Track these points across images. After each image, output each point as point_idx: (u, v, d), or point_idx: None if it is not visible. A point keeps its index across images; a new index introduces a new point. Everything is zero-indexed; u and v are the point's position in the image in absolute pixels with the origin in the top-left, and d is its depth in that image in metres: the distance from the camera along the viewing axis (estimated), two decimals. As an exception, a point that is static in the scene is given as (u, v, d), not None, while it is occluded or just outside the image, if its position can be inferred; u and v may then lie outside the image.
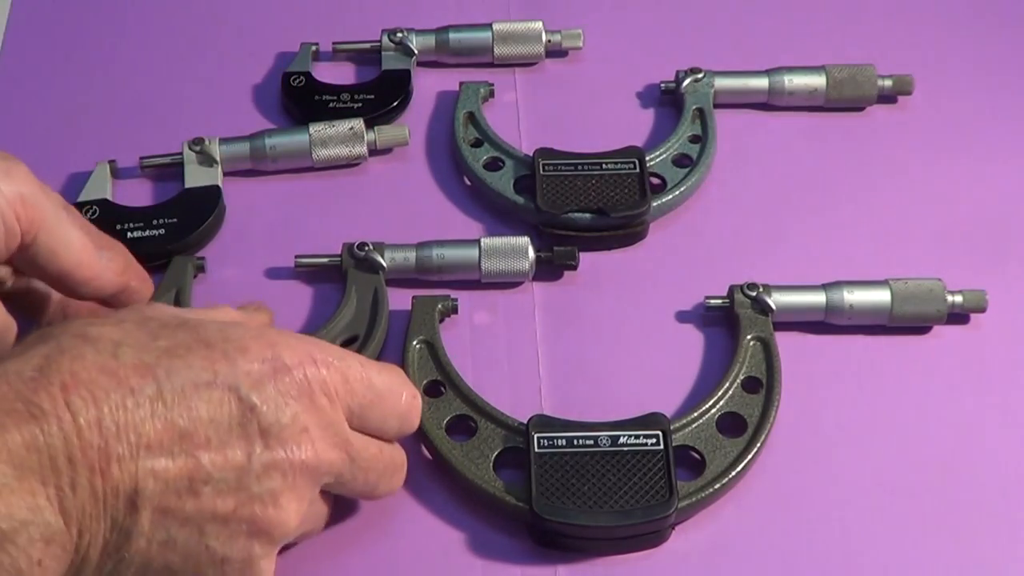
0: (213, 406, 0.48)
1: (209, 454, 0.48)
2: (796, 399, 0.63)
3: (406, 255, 0.67)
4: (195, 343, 0.49)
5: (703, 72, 0.78)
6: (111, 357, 0.47)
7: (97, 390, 0.45)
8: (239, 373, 0.49)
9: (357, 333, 0.64)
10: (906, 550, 0.59)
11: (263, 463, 0.49)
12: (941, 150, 0.77)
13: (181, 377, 0.47)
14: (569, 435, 0.60)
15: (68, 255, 0.56)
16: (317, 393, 0.51)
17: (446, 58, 0.81)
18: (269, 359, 0.50)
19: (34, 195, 0.54)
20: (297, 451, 0.50)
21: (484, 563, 0.58)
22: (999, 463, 0.62)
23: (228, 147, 0.73)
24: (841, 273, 0.67)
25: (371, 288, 0.66)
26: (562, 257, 0.68)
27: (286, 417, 0.49)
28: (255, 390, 0.49)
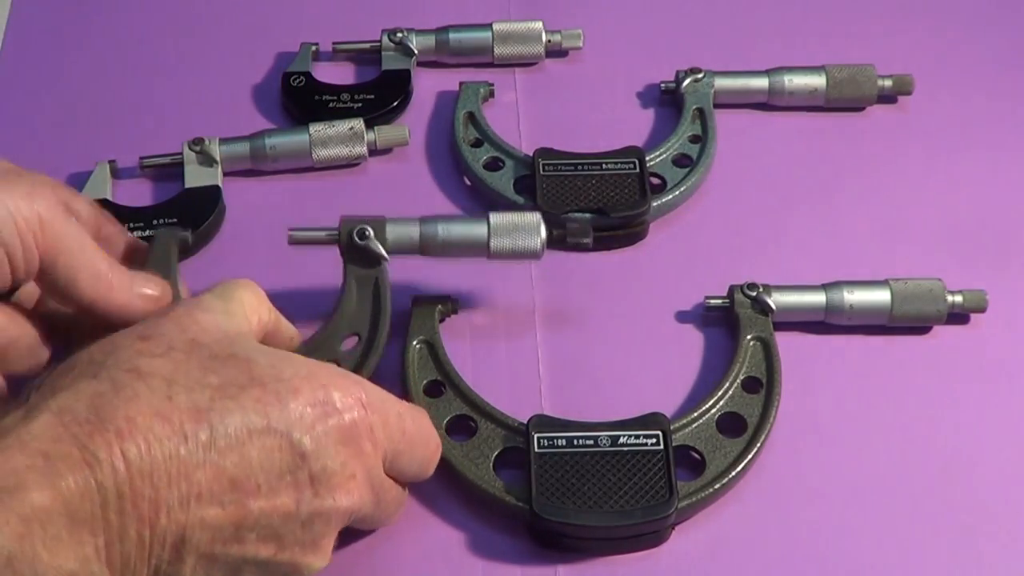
0: (265, 452, 0.47)
1: (258, 502, 0.47)
2: (796, 399, 0.63)
3: (410, 231, 0.62)
4: (247, 381, 0.48)
5: (703, 72, 0.78)
6: (165, 399, 0.46)
7: (152, 437, 0.45)
8: (291, 417, 0.48)
9: (359, 332, 0.62)
10: (906, 550, 0.59)
11: (310, 511, 0.49)
12: (941, 150, 0.77)
13: (234, 421, 0.47)
14: (569, 435, 0.60)
15: (89, 284, 0.54)
16: (364, 439, 0.51)
17: (446, 58, 0.81)
18: (320, 402, 0.49)
19: (55, 219, 0.53)
20: (343, 499, 0.50)
21: (484, 563, 0.58)
22: (999, 463, 0.62)
23: (228, 147, 0.73)
24: (841, 273, 0.67)
25: (371, 281, 0.62)
26: (576, 234, 0.64)
27: (335, 464, 0.49)
28: (307, 435, 0.48)
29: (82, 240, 0.54)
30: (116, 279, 0.55)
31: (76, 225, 0.54)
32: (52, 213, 0.53)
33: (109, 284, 0.55)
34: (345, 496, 0.50)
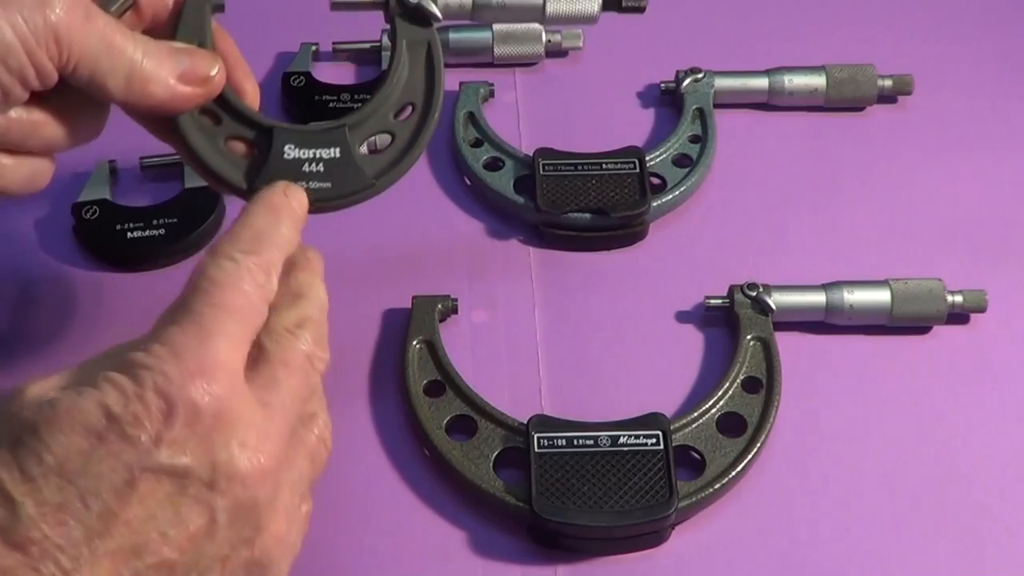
0: (144, 501, 0.42)
1: (168, 546, 0.42)
2: (796, 399, 0.63)
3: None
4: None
5: (703, 72, 0.78)
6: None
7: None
8: (153, 452, 0.42)
9: (413, 101, 0.56)
10: (906, 550, 0.59)
11: (227, 509, 0.44)
12: (941, 150, 0.77)
13: (100, 496, 0.41)
14: (569, 435, 0.60)
15: (120, 85, 0.50)
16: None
17: (446, 58, 0.80)
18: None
19: (72, 25, 0.48)
20: (249, 467, 0.44)
21: (484, 563, 0.58)
22: (999, 463, 0.62)
23: (228, 147, 0.73)
24: (841, 273, 0.67)
25: (424, 45, 0.57)
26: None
27: (202, 454, 0.43)
28: (169, 453, 0.42)
29: (108, 38, 0.49)
30: (152, 70, 0.51)
31: (101, 21, 0.49)
32: (70, 17, 0.48)
33: (144, 79, 0.50)
34: (249, 465, 0.44)
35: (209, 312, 0.45)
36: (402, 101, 0.56)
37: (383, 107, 0.56)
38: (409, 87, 0.56)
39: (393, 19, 0.57)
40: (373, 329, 0.67)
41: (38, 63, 0.48)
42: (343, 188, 0.54)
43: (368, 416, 0.64)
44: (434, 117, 0.56)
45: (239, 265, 0.47)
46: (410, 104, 0.56)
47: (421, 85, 0.56)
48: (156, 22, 0.54)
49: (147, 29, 0.54)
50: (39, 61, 0.48)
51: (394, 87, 0.56)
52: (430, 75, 0.56)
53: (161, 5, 0.54)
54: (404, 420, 0.63)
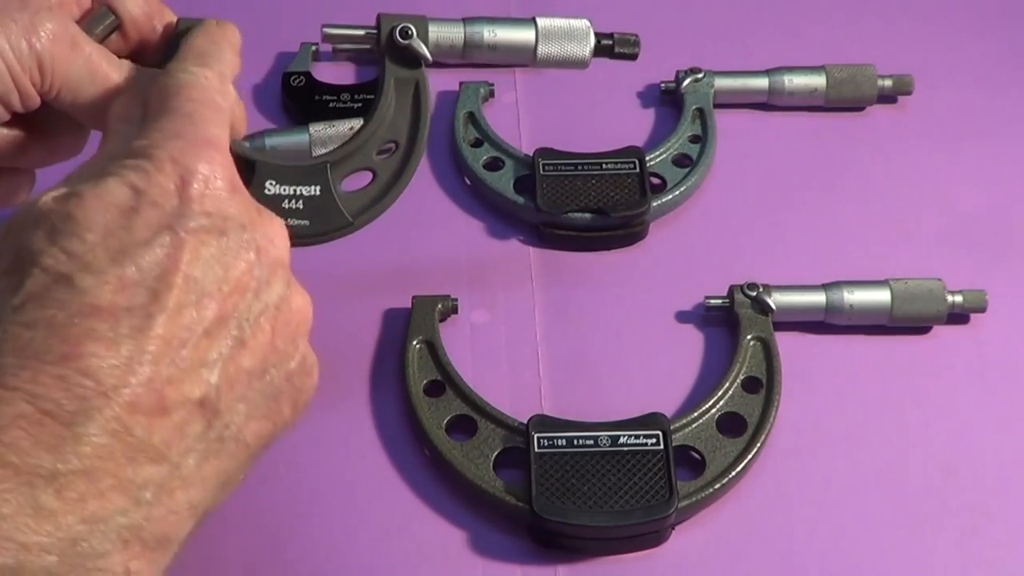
0: (197, 256, 0.43)
1: (220, 298, 0.44)
2: (796, 399, 0.63)
3: (453, 33, 0.57)
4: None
5: (703, 72, 0.78)
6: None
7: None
8: (187, 214, 0.44)
9: (396, 139, 0.56)
10: (906, 550, 0.59)
11: (263, 265, 0.45)
12: (941, 150, 0.77)
13: (152, 261, 0.42)
14: (569, 435, 0.60)
15: (100, 116, 0.51)
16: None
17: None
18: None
19: (57, 56, 0.49)
20: (269, 232, 0.46)
21: (484, 563, 0.58)
22: (999, 463, 0.62)
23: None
24: (841, 273, 0.67)
25: (411, 85, 0.56)
26: (624, 44, 0.60)
27: (232, 209, 0.45)
28: (201, 212, 0.44)
29: (93, 67, 0.51)
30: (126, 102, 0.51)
31: (87, 50, 0.50)
32: (55, 48, 0.49)
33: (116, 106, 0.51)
34: (266, 228, 0.47)
35: (189, 105, 0.47)
36: (386, 139, 0.56)
37: (367, 144, 0.55)
38: (394, 126, 0.56)
39: (382, 58, 0.56)
40: (373, 329, 0.67)
41: (22, 88, 0.49)
42: (321, 226, 0.54)
43: (368, 416, 0.64)
44: (418, 157, 0.56)
45: (196, 75, 0.49)
46: (394, 142, 0.56)
47: (406, 125, 0.56)
48: (143, 46, 0.55)
49: (134, 52, 0.54)
50: (23, 86, 0.49)
51: (379, 125, 0.56)
52: (416, 115, 0.56)
53: (148, 28, 0.55)
54: (404, 420, 0.63)
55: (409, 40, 0.56)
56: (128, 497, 0.40)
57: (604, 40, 0.59)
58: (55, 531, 0.38)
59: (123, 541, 0.40)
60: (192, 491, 0.43)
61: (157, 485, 0.41)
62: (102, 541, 0.40)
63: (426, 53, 0.56)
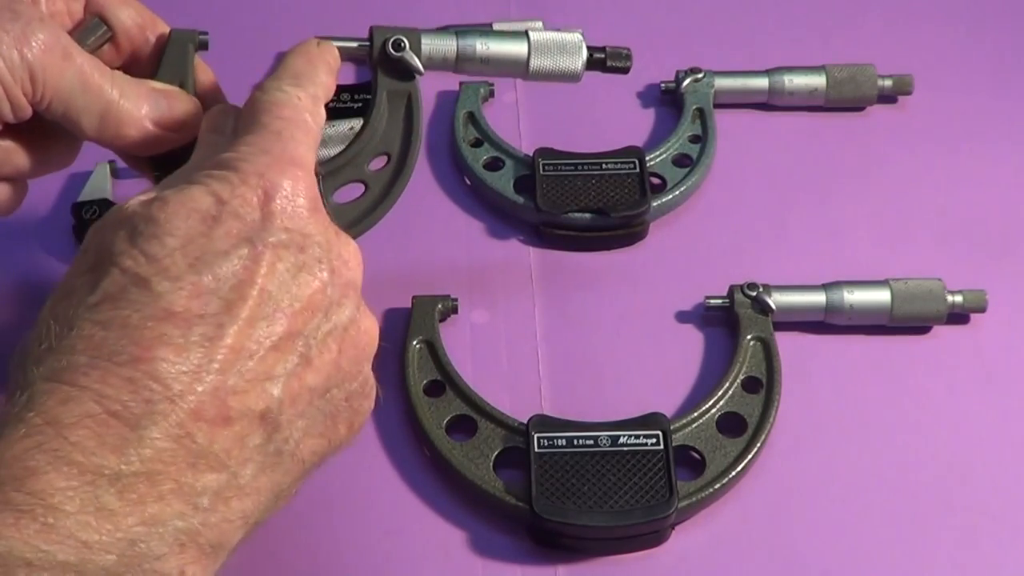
0: (273, 270, 0.44)
1: (291, 313, 0.44)
2: (796, 399, 0.63)
3: (446, 46, 0.57)
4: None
5: (703, 72, 0.78)
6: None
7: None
8: (268, 227, 0.44)
9: (389, 151, 0.56)
10: (906, 550, 0.59)
11: (336, 286, 0.46)
12: (941, 150, 0.77)
13: (229, 271, 0.43)
14: (569, 435, 0.60)
15: (93, 123, 0.51)
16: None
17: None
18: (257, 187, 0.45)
19: (49, 66, 0.49)
20: (344, 254, 0.47)
21: (484, 563, 0.58)
22: (999, 463, 0.62)
23: (228, 147, 0.73)
24: (841, 273, 0.67)
25: (404, 97, 0.56)
26: (616, 58, 0.60)
27: (311, 228, 0.46)
28: (282, 227, 0.45)
29: (85, 77, 0.50)
30: (128, 112, 0.52)
31: (79, 60, 0.50)
32: (47, 58, 0.49)
33: (119, 120, 0.52)
34: (344, 252, 0.47)
35: (279, 123, 0.47)
36: (378, 151, 0.56)
37: (359, 156, 0.55)
38: (386, 138, 0.56)
39: (375, 70, 0.56)
40: (373, 329, 0.67)
41: (13, 98, 0.49)
42: None
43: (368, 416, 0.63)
44: (410, 169, 0.56)
45: (289, 94, 0.49)
46: (386, 154, 0.56)
47: (398, 137, 0.56)
48: (136, 57, 0.55)
49: (126, 63, 0.54)
50: (14, 96, 0.49)
51: (371, 137, 0.56)
52: (408, 127, 0.56)
53: (141, 40, 0.55)
54: (404, 420, 0.63)
55: (402, 53, 0.56)
56: (186, 502, 0.41)
57: (596, 53, 0.59)
58: (115, 531, 0.39)
59: (179, 544, 0.40)
60: (247, 501, 0.43)
61: (214, 492, 0.42)
62: (159, 543, 0.40)
63: (419, 65, 0.56)
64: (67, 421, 0.39)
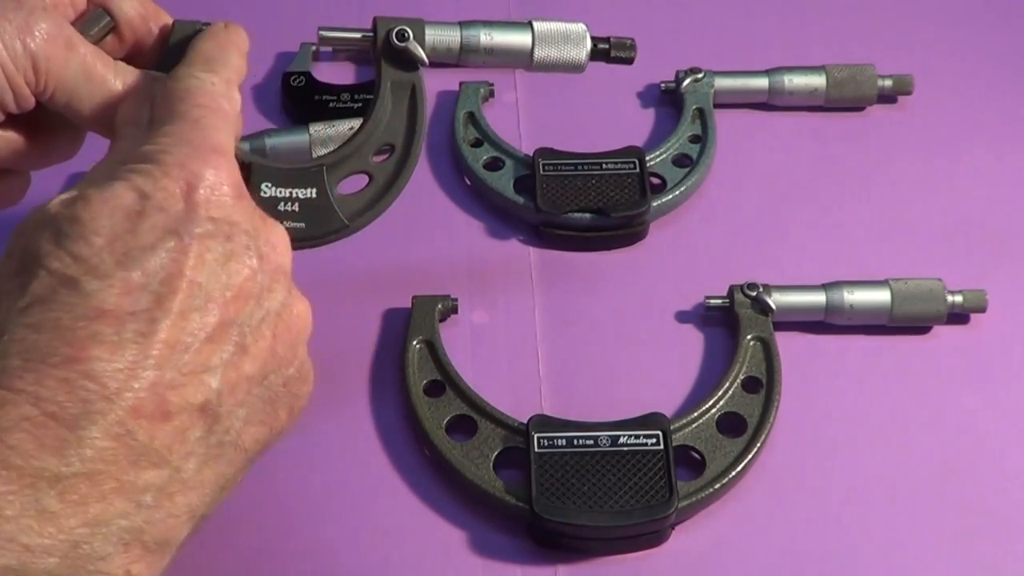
0: (201, 261, 0.43)
1: (223, 303, 0.44)
2: (796, 399, 0.63)
3: (450, 36, 0.57)
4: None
5: (703, 72, 0.78)
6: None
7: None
8: (193, 219, 0.44)
9: (393, 143, 0.56)
10: (906, 550, 0.59)
11: (266, 272, 0.46)
12: (941, 150, 0.77)
13: (157, 264, 0.43)
14: (569, 435, 0.60)
15: (95, 114, 0.51)
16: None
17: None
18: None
19: (52, 56, 0.49)
20: (272, 239, 0.47)
21: (484, 563, 0.58)
22: (999, 463, 0.62)
23: (228, 147, 0.73)
24: (841, 273, 0.67)
25: (408, 88, 0.56)
26: (620, 48, 0.60)
27: (237, 215, 0.46)
28: (207, 218, 0.44)
29: (88, 67, 0.50)
30: (128, 101, 0.51)
31: (82, 50, 0.50)
32: (50, 48, 0.49)
33: (113, 108, 0.51)
34: (271, 233, 0.47)
35: (196, 111, 0.47)
36: (382, 142, 0.56)
37: (363, 148, 0.55)
38: (390, 129, 0.56)
39: (379, 60, 0.56)
40: (373, 329, 0.67)
41: (16, 88, 0.49)
42: (317, 229, 0.54)
43: (368, 416, 0.64)
44: (414, 160, 0.56)
45: (203, 80, 0.49)
46: (390, 145, 0.56)
47: (403, 128, 0.56)
48: (139, 48, 0.55)
49: (130, 54, 0.54)
50: (17, 86, 0.49)
51: (375, 128, 0.55)
52: (412, 118, 0.56)
53: (144, 31, 0.54)
54: (404, 420, 0.63)
55: (406, 43, 0.55)
56: (129, 500, 0.41)
57: (600, 44, 0.59)
58: (57, 533, 0.39)
59: (124, 544, 0.41)
60: (192, 495, 0.43)
61: (158, 489, 0.42)
62: (103, 544, 0.40)
63: (423, 56, 0.56)
64: (3, 425, 0.39)
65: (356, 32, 0.57)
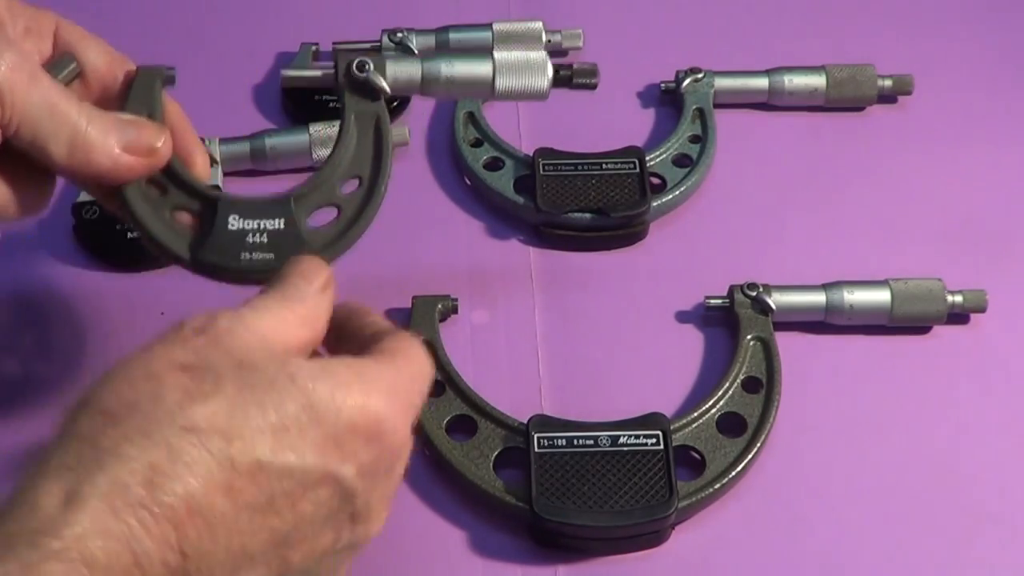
0: (319, 503, 0.43)
1: (301, 550, 0.44)
2: (796, 399, 0.63)
3: (411, 70, 0.57)
4: (308, 421, 0.43)
5: (703, 72, 0.78)
6: (227, 464, 0.40)
7: (213, 518, 0.40)
8: (347, 460, 0.44)
9: (360, 174, 0.56)
10: (905, 550, 0.59)
11: (346, 545, 0.46)
12: (941, 150, 0.77)
13: (294, 478, 0.42)
14: (569, 435, 0.60)
15: (62, 151, 0.50)
16: (402, 462, 0.48)
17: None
18: (374, 435, 0.45)
19: (15, 88, 0.48)
20: (375, 526, 0.47)
21: (484, 563, 0.58)
22: (999, 463, 0.62)
23: (228, 147, 0.73)
24: (841, 273, 0.67)
25: (372, 118, 0.56)
26: (582, 75, 0.60)
27: (377, 497, 0.46)
28: (359, 476, 0.44)
29: (52, 101, 0.49)
30: (96, 138, 0.50)
31: (45, 83, 0.49)
32: (14, 75, 0.48)
33: (88, 147, 0.50)
34: (377, 523, 0.47)
35: None
36: (349, 174, 0.55)
37: (330, 179, 0.55)
38: (357, 160, 0.55)
39: (342, 93, 0.56)
40: (373, 329, 0.67)
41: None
42: (287, 260, 0.51)
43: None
44: (381, 191, 0.55)
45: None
46: (357, 177, 0.55)
47: (369, 158, 0.55)
48: (106, 95, 0.54)
49: (96, 101, 0.53)
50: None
51: (341, 159, 0.55)
52: (378, 148, 0.56)
53: (110, 77, 0.54)
54: (404, 420, 0.63)
55: (366, 74, 0.55)
56: None
57: (563, 71, 0.59)
58: None
59: None
60: None
61: None
62: None
63: (384, 85, 0.56)
64: None
65: (318, 71, 0.58)
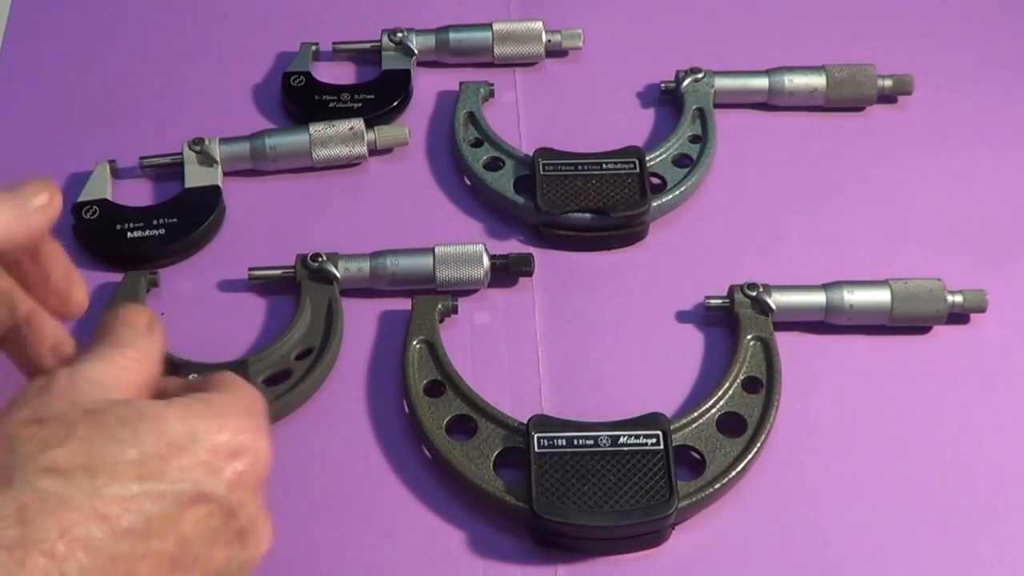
0: (198, 521, 0.44)
1: (195, 572, 0.44)
2: (796, 399, 0.63)
3: (360, 265, 0.67)
4: (166, 449, 0.44)
5: (703, 72, 0.78)
6: (97, 496, 0.41)
7: (91, 545, 0.41)
8: (217, 477, 0.45)
9: (312, 346, 0.64)
10: (906, 550, 0.59)
11: (239, 564, 0.47)
12: (941, 150, 0.77)
13: (166, 499, 0.43)
14: (569, 435, 0.60)
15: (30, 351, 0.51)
16: (266, 474, 0.49)
17: (446, 58, 0.81)
18: (235, 450, 0.46)
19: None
20: (265, 542, 0.48)
21: (484, 563, 0.58)
22: (999, 463, 0.62)
23: (228, 147, 0.73)
24: (841, 273, 0.67)
25: (325, 299, 0.66)
26: (517, 264, 0.68)
27: (256, 510, 0.47)
28: (233, 490, 0.46)
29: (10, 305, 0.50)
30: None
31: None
32: None
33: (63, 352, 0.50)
34: (266, 538, 0.48)
35: None
36: (303, 345, 0.64)
37: (285, 348, 0.64)
38: (311, 333, 0.65)
39: (300, 281, 0.66)
40: (373, 329, 0.67)
41: None
42: None
43: (368, 416, 0.64)
44: (328, 362, 0.64)
45: None
46: (309, 348, 0.64)
47: (320, 332, 0.65)
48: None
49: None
50: None
51: (296, 332, 0.64)
52: (329, 325, 0.65)
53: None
54: (404, 420, 0.63)
55: (319, 262, 0.66)
56: None
57: (499, 261, 0.68)
58: None
59: None
60: None
61: None
62: None
63: (337, 273, 0.66)
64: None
65: (278, 269, 0.67)
